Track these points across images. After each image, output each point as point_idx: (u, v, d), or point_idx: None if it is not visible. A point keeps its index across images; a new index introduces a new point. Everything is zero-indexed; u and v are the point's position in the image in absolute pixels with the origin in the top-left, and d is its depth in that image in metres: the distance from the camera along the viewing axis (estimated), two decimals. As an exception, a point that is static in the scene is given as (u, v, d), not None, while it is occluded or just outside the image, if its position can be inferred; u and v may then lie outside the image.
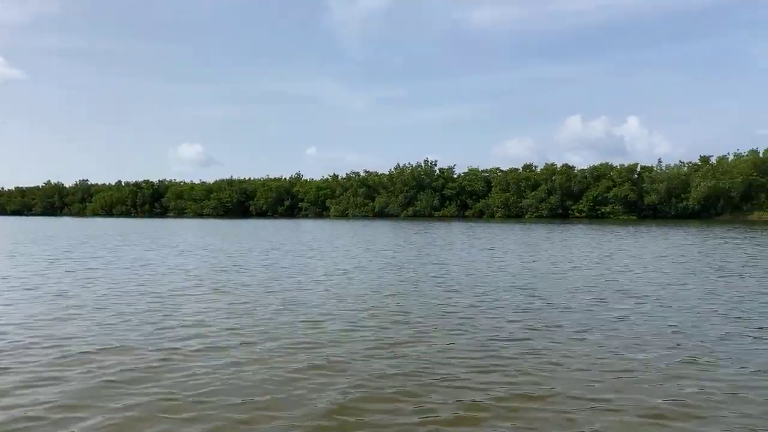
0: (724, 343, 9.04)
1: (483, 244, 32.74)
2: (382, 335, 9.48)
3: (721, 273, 18.29)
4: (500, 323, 10.45)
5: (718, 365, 7.81)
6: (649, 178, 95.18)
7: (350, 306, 12.21)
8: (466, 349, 8.61)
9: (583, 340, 9.18)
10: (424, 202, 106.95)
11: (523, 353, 8.38)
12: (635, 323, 10.47)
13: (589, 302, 12.78)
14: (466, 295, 13.82)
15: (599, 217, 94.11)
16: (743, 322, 10.54)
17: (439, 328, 10.00)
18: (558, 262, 21.95)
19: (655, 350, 8.55)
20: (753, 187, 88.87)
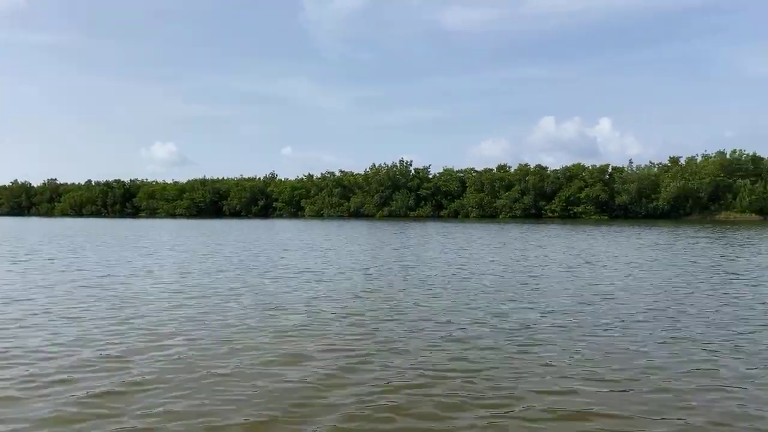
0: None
1: (459, 244, 32.85)
2: (340, 335, 9.40)
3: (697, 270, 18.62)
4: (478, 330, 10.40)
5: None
6: (620, 178, 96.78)
7: (325, 309, 12.09)
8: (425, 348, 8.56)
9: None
10: (399, 202, 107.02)
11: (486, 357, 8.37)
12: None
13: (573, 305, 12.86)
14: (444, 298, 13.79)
15: (572, 217, 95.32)
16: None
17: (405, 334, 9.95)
18: (536, 262, 22.11)
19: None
20: (720, 188, 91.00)
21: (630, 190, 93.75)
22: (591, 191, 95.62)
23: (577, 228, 56.90)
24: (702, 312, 11.86)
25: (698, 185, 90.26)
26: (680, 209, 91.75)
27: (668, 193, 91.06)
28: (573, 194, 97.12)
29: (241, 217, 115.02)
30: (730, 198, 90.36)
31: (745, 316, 11.55)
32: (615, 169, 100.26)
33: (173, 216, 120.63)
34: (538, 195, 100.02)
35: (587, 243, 33.86)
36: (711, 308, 12.36)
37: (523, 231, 50.46)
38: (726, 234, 43.83)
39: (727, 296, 14.01)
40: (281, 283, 16.44)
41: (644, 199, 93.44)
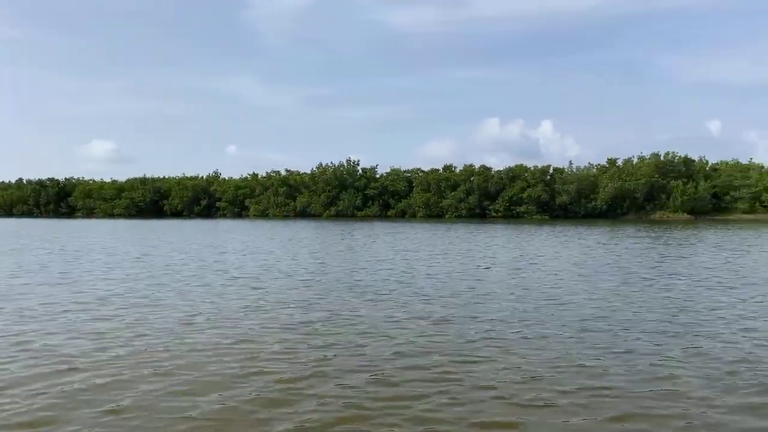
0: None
1: (405, 245, 32.69)
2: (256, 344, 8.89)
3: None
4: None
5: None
6: (561, 179, 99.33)
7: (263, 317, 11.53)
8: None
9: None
10: (346, 202, 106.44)
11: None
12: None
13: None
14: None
15: (515, 216, 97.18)
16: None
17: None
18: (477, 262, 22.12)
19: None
20: (655, 188, 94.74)
21: (570, 190, 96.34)
22: (533, 191, 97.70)
23: (521, 228, 57.91)
24: (650, 312, 11.95)
25: (634, 186, 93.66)
26: (617, 209, 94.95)
27: (606, 194, 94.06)
28: (516, 194, 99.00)
29: (183, 217, 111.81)
30: (664, 198, 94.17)
31: (698, 321, 11.71)
32: (556, 170, 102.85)
33: (111, 216, 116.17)
34: (482, 195, 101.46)
35: (533, 243, 34.32)
36: (660, 311, 12.48)
37: (470, 231, 50.91)
38: (664, 233, 45.55)
39: (675, 299, 14.25)
40: (206, 290, 15.71)
41: (583, 199, 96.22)
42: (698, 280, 18.34)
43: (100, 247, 33.21)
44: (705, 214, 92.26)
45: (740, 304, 13.90)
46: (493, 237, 42.85)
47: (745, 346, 9.87)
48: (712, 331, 11.08)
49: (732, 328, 11.30)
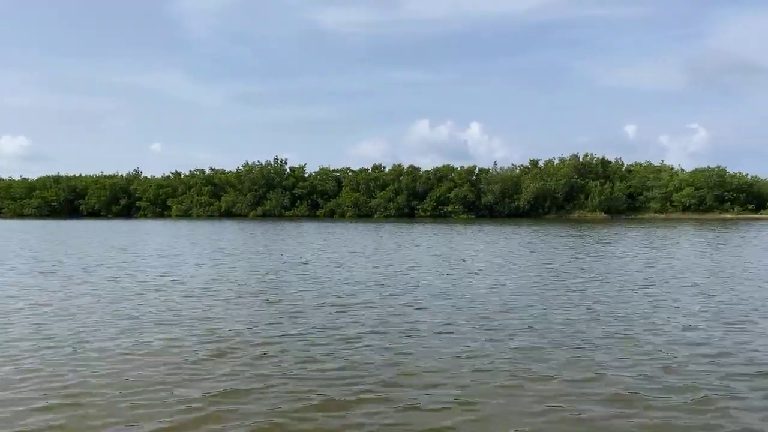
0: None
1: (330, 245, 31.99)
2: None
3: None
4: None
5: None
6: (486, 179, 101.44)
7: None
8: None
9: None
10: (273, 202, 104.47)
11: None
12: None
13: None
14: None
15: (442, 216, 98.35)
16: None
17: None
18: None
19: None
20: (574, 189, 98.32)
21: (494, 190, 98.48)
22: (459, 191, 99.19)
23: (451, 227, 58.39)
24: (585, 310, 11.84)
25: (555, 186, 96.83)
26: (539, 208, 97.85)
27: (528, 194, 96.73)
28: (443, 194, 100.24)
29: (100, 217, 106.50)
30: (582, 198, 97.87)
31: (626, 324, 11.62)
32: (481, 170, 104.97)
33: (21, 216, 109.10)
34: (411, 195, 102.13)
35: (462, 243, 34.44)
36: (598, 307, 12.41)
37: (400, 231, 50.79)
38: (586, 231, 47.00)
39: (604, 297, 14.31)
40: (78, 303, 14.50)
41: (507, 199, 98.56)
42: (607, 273, 18.68)
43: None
44: (620, 213, 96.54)
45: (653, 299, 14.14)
46: (430, 236, 42.83)
47: (655, 340, 9.98)
48: (621, 319, 11.09)
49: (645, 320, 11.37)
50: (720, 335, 10.59)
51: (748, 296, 14.95)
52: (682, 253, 28.02)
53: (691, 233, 46.92)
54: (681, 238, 41.14)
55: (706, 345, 9.88)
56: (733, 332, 10.83)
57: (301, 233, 48.03)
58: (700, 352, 9.39)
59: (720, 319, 12.07)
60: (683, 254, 27.56)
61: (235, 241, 38.96)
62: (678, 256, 26.67)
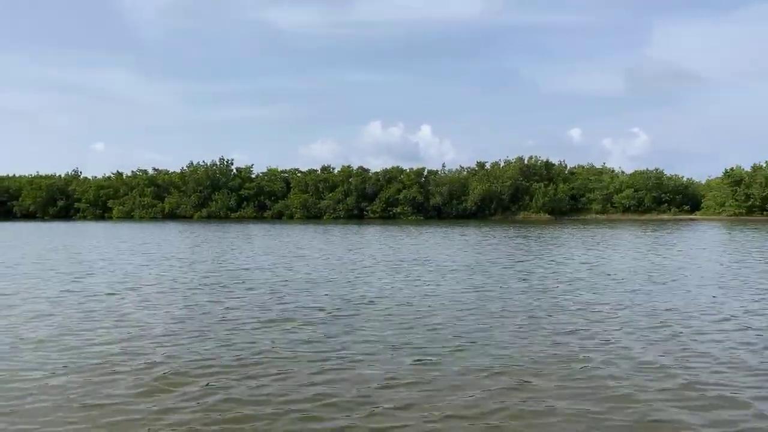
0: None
1: (274, 248, 31.33)
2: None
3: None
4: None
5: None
6: (434, 181, 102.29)
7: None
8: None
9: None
10: (219, 203, 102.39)
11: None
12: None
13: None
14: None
15: (391, 217, 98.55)
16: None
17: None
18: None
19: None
20: (519, 190, 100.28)
21: (442, 192, 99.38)
22: (408, 193, 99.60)
23: (402, 229, 58.39)
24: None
25: (501, 188, 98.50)
26: (486, 210, 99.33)
27: (475, 195, 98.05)
28: (392, 196, 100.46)
29: (36, 219, 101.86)
30: (527, 199, 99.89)
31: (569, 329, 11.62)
32: (430, 172, 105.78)
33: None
34: (360, 196, 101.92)
35: (415, 244, 34.35)
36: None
37: (348, 232, 50.39)
38: (533, 232, 47.81)
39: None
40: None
41: (455, 201, 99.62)
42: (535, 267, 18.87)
43: None
44: (564, 214, 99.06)
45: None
46: (383, 237, 42.60)
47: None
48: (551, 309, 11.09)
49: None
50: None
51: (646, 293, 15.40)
52: (593, 253, 28.83)
53: (609, 234, 48.45)
54: (604, 238, 42.42)
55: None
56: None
57: (235, 235, 47.09)
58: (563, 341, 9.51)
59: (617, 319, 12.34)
60: (597, 253, 28.35)
61: (160, 244, 37.82)
62: (596, 254, 27.42)
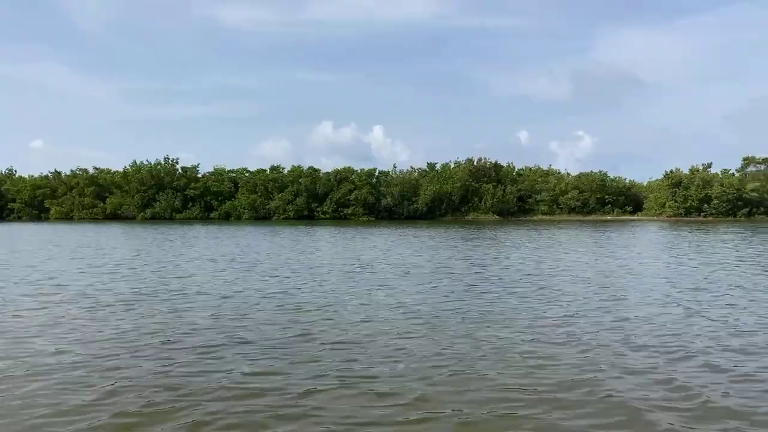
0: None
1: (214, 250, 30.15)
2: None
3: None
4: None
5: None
6: (385, 182, 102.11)
7: None
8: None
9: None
10: (164, 204, 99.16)
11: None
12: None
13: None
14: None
15: (342, 218, 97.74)
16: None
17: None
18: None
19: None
20: (469, 192, 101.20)
21: (393, 193, 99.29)
22: (360, 194, 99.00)
23: (352, 229, 57.75)
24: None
25: (451, 189, 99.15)
26: (436, 211, 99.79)
27: (426, 196, 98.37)
28: (343, 196, 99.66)
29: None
30: (476, 200, 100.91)
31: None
32: (381, 173, 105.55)
33: None
34: (310, 197, 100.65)
35: (370, 246, 33.71)
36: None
37: (299, 233, 49.38)
38: (486, 233, 48.01)
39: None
40: None
41: (406, 202, 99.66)
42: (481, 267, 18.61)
43: None
44: (512, 215, 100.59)
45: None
46: (339, 239, 41.74)
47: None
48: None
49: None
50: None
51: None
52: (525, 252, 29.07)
53: (545, 235, 49.36)
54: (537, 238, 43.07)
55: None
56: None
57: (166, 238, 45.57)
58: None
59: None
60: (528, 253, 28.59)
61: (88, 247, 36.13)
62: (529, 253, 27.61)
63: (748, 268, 21.30)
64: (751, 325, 11.32)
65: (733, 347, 9.62)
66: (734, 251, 28.87)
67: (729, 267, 21.57)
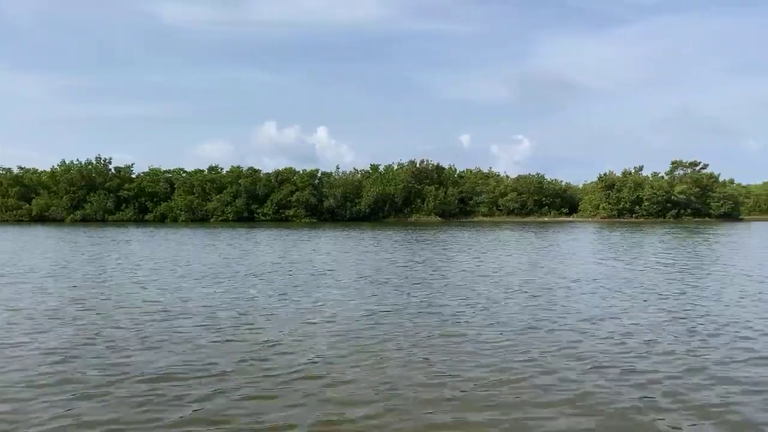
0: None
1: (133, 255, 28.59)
2: None
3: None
4: None
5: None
6: (328, 183, 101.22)
7: None
8: None
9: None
10: (95, 205, 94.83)
11: None
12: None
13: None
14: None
15: (283, 220, 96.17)
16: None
17: None
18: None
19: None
20: (412, 193, 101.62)
21: (336, 194, 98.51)
22: (301, 195, 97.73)
23: (298, 231, 56.60)
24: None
25: (394, 191, 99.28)
26: (379, 212, 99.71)
27: (369, 198, 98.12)
28: (284, 198, 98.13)
29: None
30: (419, 202, 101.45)
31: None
32: (324, 174, 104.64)
33: None
34: (250, 198, 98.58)
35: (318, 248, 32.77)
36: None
37: (235, 235, 47.86)
38: (437, 235, 47.91)
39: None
40: None
41: (349, 203, 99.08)
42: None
43: None
44: (453, 216, 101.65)
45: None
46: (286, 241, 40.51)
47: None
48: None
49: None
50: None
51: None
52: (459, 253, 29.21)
53: (468, 236, 50.05)
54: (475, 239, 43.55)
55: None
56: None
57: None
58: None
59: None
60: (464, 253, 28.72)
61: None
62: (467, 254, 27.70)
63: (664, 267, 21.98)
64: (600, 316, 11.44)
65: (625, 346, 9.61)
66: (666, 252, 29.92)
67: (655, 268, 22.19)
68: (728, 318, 12.43)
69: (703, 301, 14.58)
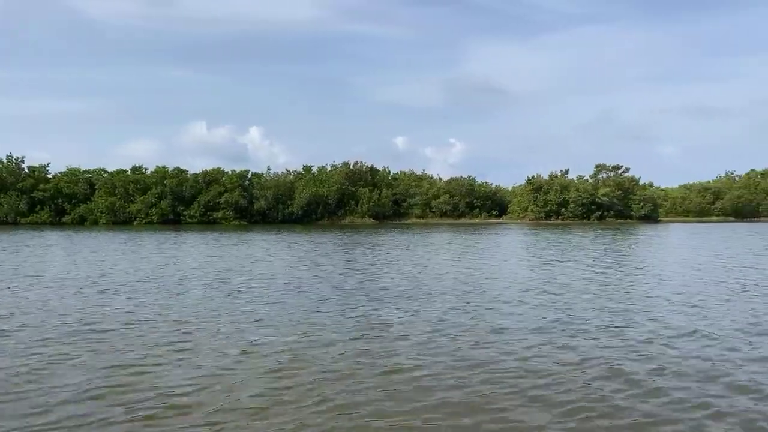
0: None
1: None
2: None
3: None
4: None
5: None
6: (259, 184, 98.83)
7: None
8: None
9: None
10: (6, 207, 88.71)
11: None
12: None
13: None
14: None
15: (211, 222, 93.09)
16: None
17: None
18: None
19: None
20: (345, 195, 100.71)
21: (267, 196, 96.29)
22: (230, 196, 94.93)
23: (244, 237, 54.37)
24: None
25: (327, 192, 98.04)
26: (312, 214, 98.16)
27: (302, 200, 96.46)
28: (212, 199, 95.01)
29: None
30: (353, 204, 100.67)
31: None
32: (254, 175, 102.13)
33: None
34: (176, 199, 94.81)
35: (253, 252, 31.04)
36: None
37: (162, 239, 45.32)
38: (374, 237, 47.04)
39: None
40: None
41: (281, 205, 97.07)
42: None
43: None
44: (387, 218, 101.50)
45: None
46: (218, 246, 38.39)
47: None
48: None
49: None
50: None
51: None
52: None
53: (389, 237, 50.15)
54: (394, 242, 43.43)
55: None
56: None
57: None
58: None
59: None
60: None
61: None
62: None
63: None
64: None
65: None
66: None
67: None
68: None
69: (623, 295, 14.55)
